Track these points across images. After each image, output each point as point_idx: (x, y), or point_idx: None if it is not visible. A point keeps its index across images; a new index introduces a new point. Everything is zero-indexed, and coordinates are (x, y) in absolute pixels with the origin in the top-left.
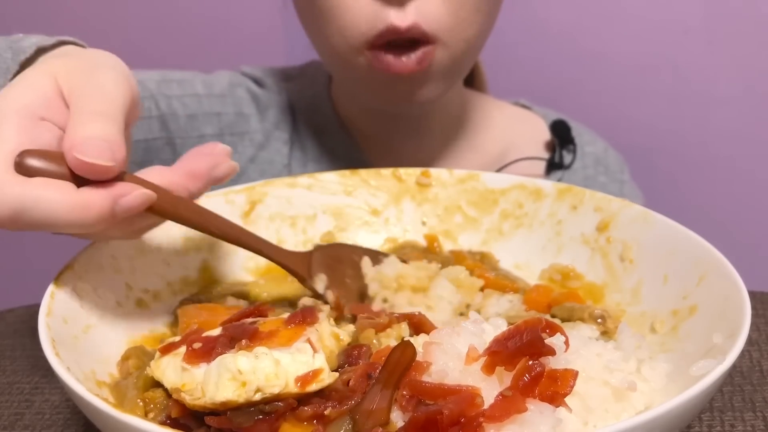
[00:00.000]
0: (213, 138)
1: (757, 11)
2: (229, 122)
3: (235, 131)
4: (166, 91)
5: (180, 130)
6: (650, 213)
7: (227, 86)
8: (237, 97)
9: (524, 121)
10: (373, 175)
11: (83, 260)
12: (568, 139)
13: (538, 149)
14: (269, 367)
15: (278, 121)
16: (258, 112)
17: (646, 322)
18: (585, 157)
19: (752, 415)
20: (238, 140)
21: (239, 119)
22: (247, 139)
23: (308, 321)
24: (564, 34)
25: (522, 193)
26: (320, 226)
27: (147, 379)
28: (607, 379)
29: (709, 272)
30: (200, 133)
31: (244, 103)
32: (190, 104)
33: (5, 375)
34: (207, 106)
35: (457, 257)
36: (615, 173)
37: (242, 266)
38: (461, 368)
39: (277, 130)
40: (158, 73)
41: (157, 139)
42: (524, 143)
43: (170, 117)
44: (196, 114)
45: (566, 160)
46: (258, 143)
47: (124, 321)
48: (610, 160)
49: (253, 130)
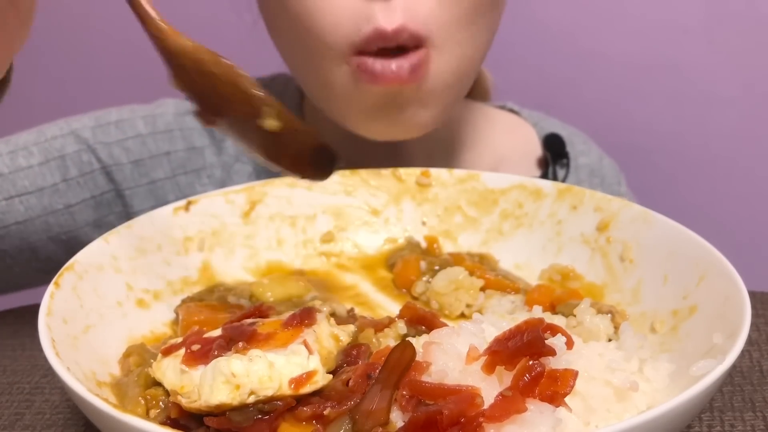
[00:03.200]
0: (165, 182)
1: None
2: (180, 161)
3: (189, 169)
4: (104, 138)
5: (127, 179)
6: (650, 213)
7: (172, 118)
8: (186, 129)
9: (514, 133)
10: (373, 175)
11: (83, 260)
12: (561, 154)
13: (529, 167)
14: (263, 369)
15: (238, 152)
16: (213, 143)
17: (646, 322)
18: (579, 170)
19: (752, 415)
20: (194, 179)
21: (192, 155)
22: (204, 176)
23: (306, 322)
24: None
25: (522, 193)
26: (320, 226)
27: (148, 377)
28: (609, 379)
29: (709, 272)
30: (150, 178)
31: (195, 135)
32: (133, 148)
33: (5, 375)
34: (153, 146)
35: (456, 259)
36: (612, 185)
37: (242, 266)
38: (461, 368)
39: (237, 163)
40: (91, 117)
41: (105, 194)
42: (515, 159)
43: (114, 168)
44: (142, 158)
45: (559, 176)
46: (218, 180)
47: (124, 321)
48: (605, 170)
49: (210, 164)
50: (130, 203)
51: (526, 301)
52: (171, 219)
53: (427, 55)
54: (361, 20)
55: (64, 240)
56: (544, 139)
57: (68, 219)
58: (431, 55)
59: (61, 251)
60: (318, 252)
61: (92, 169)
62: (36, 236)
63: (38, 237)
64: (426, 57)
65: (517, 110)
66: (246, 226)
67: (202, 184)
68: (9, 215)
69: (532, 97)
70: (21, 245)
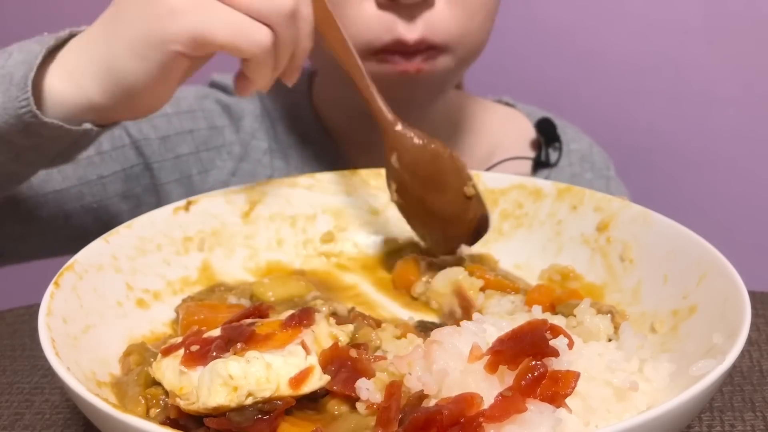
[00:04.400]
0: (189, 156)
1: (757, 11)
2: (203, 138)
3: (211, 146)
4: None
5: (155, 153)
6: (650, 213)
7: (194, 100)
8: (206, 110)
9: (509, 121)
10: (373, 175)
11: (83, 260)
12: (553, 137)
13: (524, 148)
14: (260, 371)
15: (254, 130)
16: (231, 122)
17: (646, 322)
18: (571, 155)
19: (752, 415)
20: (215, 155)
21: (213, 133)
22: (224, 152)
23: (305, 323)
24: (563, 34)
25: (522, 193)
26: (320, 226)
27: (148, 376)
28: (609, 379)
29: (709, 272)
30: (175, 153)
31: (215, 116)
32: (160, 125)
33: (5, 375)
34: (177, 124)
35: (456, 259)
36: (601, 170)
37: (242, 266)
38: (462, 368)
39: (254, 140)
40: None
41: (135, 167)
42: (510, 143)
43: (143, 142)
44: (168, 135)
45: (552, 159)
46: (237, 155)
47: (124, 321)
48: (595, 156)
49: (229, 142)
50: (158, 176)
51: (526, 301)
52: (171, 219)
53: (438, 53)
54: (383, 32)
55: (95, 209)
56: (537, 123)
57: (100, 189)
58: (442, 54)
59: (91, 220)
60: (318, 252)
61: (123, 143)
62: (70, 204)
63: (72, 205)
64: (435, 55)
65: (513, 103)
66: (246, 226)
67: (222, 160)
68: (48, 184)
69: (532, 97)
70: (56, 212)
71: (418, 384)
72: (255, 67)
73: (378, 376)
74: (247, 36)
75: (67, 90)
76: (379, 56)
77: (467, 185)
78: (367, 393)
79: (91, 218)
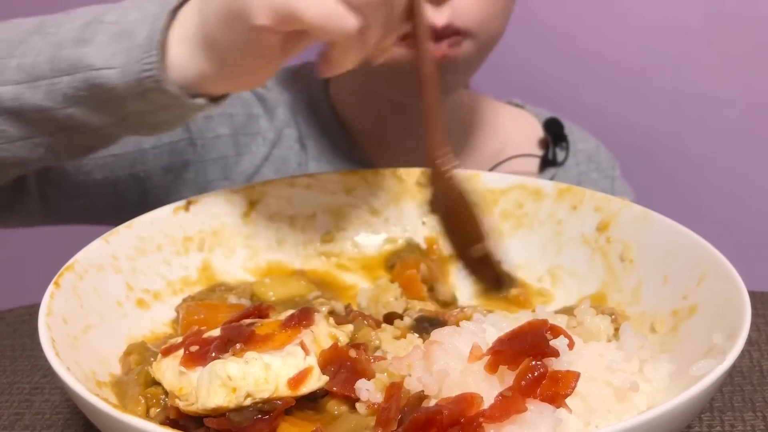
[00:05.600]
0: (228, 138)
1: (757, 11)
2: (241, 123)
3: (248, 131)
4: None
5: (198, 130)
6: (650, 213)
7: None
8: (244, 99)
9: (518, 120)
10: (373, 175)
11: (83, 260)
12: (561, 137)
13: (531, 147)
14: (259, 372)
15: (287, 119)
16: (266, 112)
17: (646, 322)
18: (577, 154)
19: (752, 415)
20: (251, 140)
21: (250, 120)
22: (259, 138)
23: (304, 323)
24: (564, 34)
25: (522, 193)
26: (320, 226)
27: (148, 375)
28: (610, 380)
29: (709, 272)
30: (216, 133)
31: (252, 105)
32: None
33: (5, 375)
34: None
35: None
36: (607, 170)
37: (242, 266)
38: (462, 368)
39: (287, 128)
40: None
41: (181, 141)
42: (519, 141)
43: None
44: (211, 115)
45: (559, 158)
46: (271, 141)
47: (124, 321)
48: (601, 157)
49: (264, 129)
50: (200, 152)
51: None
52: (171, 219)
53: (462, 39)
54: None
55: (141, 178)
56: (545, 122)
57: (151, 158)
58: (465, 39)
59: (134, 189)
60: (318, 252)
61: None
62: (122, 171)
63: (123, 172)
64: (460, 40)
65: (522, 104)
66: (246, 226)
67: (257, 145)
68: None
69: (532, 97)
70: (108, 177)
71: (418, 385)
72: (340, 51)
73: (378, 377)
74: (335, 20)
75: (186, 57)
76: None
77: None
78: (367, 394)
79: (134, 188)
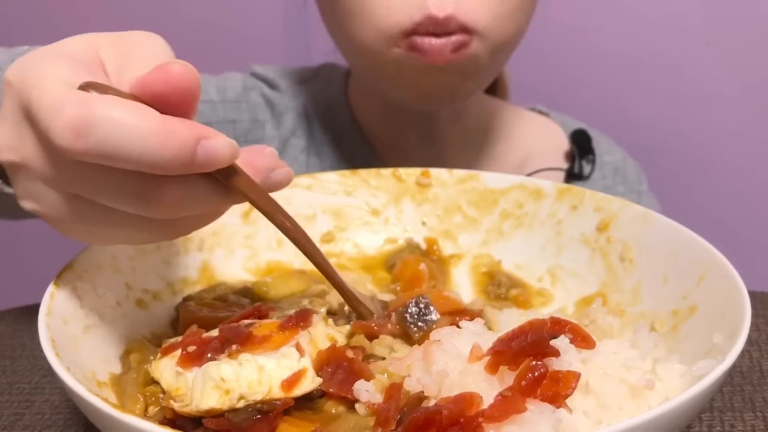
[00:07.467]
0: None
1: (757, 11)
2: (244, 130)
3: (250, 139)
4: None
5: None
6: (650, 213)
7: (241, 91)
8: (251, 102)
9: (543, 130)
10: (373, 175)
11: (83, 260)
12: (587, 149)
13: (557, 159)
14: (252, 374)
15: (294, 128)
16: (273, 117)
17: (646, 322)
18: (604, 167)
19: (752, 415)
20: None
21: (254, 126)
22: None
23: (302, 324)
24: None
25: (522, 193)
26: (320, 226)
27: (148, 374)
28: (625, 377)
29: (709, 272)
30: None
31: (259, 109)
32: (204, 111)
33: (5, 375)
34: (222, 113)
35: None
36: (633, 183)
37: (242, 266)
38: (462, 368)
39: (293, 137)
40: None
41: None
42: (544, 153)
43: None
44: (211, 122)
45: (585, 171)
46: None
47: (124, 321)
48: (628, 169)
49: (269, 137)
50: None
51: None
52: None
53: (469, 38)
54: (414, 10)
55: None
56: (572, 134)
57: None
58: (473, 39)
59: None
60: None
61: None
62: None
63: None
64: (468, 40)
65: (546, 112)
66: (246, 226)
67: None
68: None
69: (532, 97)
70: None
71: (417, 386)
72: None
73: (378, 378)
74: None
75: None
76: (410, 39)
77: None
78: (367, 395)
79: None
